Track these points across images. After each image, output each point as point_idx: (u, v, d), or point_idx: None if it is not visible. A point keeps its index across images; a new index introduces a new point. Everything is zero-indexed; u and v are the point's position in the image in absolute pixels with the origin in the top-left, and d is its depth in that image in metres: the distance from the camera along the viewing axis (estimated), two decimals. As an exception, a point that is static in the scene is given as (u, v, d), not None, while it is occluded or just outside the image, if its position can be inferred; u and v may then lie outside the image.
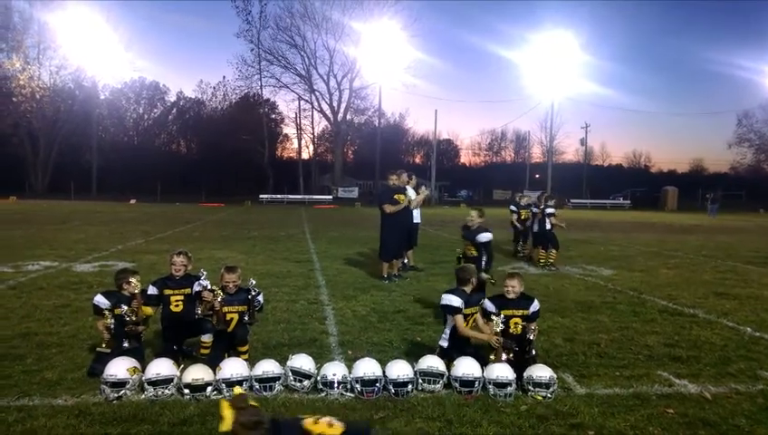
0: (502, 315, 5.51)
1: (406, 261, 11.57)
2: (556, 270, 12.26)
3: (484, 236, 7.23)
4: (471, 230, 7.36)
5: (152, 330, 6.08)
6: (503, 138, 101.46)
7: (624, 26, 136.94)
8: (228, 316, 5.52)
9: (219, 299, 5.44)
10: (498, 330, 5.43)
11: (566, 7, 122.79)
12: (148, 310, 5.67)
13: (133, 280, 5.52)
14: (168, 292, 5.75)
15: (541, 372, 4.96)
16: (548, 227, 12.88)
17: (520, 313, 5.56)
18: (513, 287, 5.60)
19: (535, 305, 5.61)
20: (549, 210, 13.00)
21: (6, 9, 61.82)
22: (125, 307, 5.40)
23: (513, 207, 15.05)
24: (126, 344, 5.38)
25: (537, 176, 76.49)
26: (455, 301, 5.59)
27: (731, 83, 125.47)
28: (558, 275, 11.81)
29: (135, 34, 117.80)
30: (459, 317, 5.57)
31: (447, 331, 5.70)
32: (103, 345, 5.38)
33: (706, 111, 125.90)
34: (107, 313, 5.40)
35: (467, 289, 5.75)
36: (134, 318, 5.44)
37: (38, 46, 64.08)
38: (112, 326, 5.38)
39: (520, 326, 5.54)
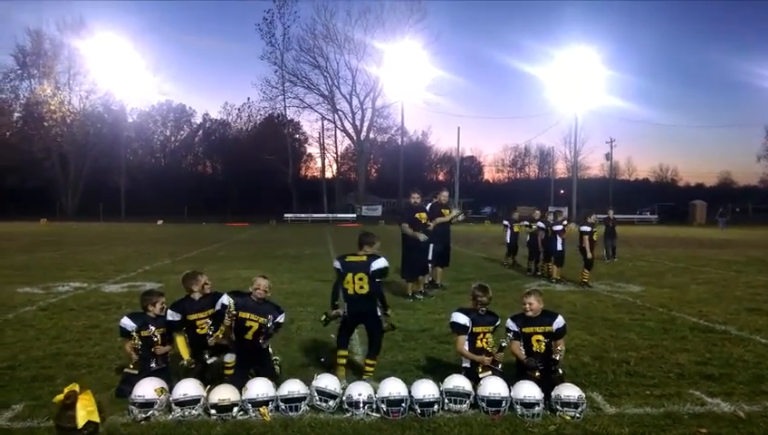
0: (510, 336, 5.54)
1: (430, 279, 11.53)
2: (583, 288, 12.12)
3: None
4: None
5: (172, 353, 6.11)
6: (526, 154, 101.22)
7: (647, 40, 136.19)
8: (248, 323, 5.49)
9: (232, 311, 5.43)
10: (494, 349, 5.50)
11: (587, 23, 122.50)
12: (183, 349, 5.68)
13: (161, 301, 5.61)
14: (192, 317, 5.70)
15: (569, 391, 4.89)
16: (585, 244, 12.70)
17: (542, 329, 5.47)
18: (531, 305, 5.51)
19: (559, 322, 5.50)
20: (584, 228, 12.87)
21: (38, 36, 63.72)
22: (152, 328, 5.47)
23: (537, 224, 14.82)
24: (153, 365, 5.43)
25: (562, 192, 75.89)
26: (461, 319, 5.59)
27: (759, 95, 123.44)
28: (586, 292, 11.66)
29: (162, 59, 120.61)
30: (461, 338, 5.59)
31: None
32: (131, 366, 5.44)
33: (734, 123, 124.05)
34: (134, 334, 5.46)
35: (478, 307, 5.70)
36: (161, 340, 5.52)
37: (68, 72, 66.02)
38: (140, 347, 5.44)
39: (543, 344, 5.45)
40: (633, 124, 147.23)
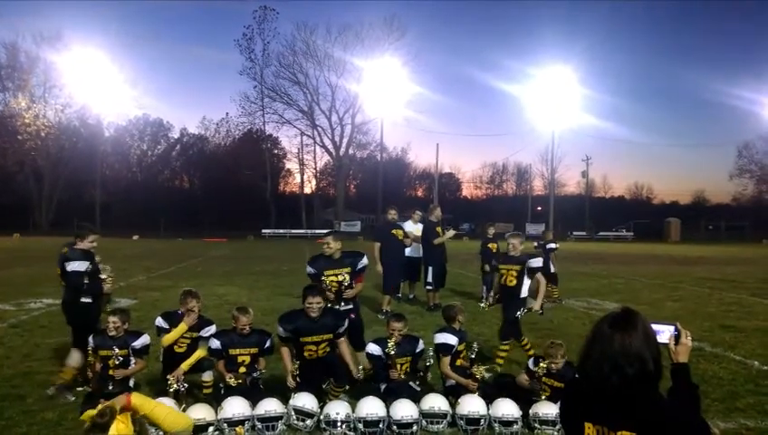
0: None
1: (435, 303, 11.38)
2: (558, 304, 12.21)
3: None
4: None
5: (148, 371, 6.02)
6: (504, 171, 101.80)
7: (622, 61, 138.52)
8: (240, 359, 5.49)
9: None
10: (480, 370, 5.54)
11: (564, 43, 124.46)
12: (169, 336, 5.61)
13: (111, 320, 5.51)
14: None
15: (547, 409, 4.90)
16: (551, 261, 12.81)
17: (550, 383, 5.34)
18: (557, 365, 5.31)
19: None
20: (549, 245, 13.03)
21: (13, 49, 62.96)
22: (116, 350, 5.37)
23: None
24: (110, 388, 5.27)
25: (539, 208, 76.50)
26: (451, 339, 5.62)
27: (731, 114, 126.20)
28: (562, 308, 11.74)
29: (139, 73, 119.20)
30: (446, 359, 5.61)
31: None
32: (90, 386, 5.36)
33: (707, 142, 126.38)
34: (90, 352, 5.42)
35: (456, 326, 5.77)
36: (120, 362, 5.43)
37: (44, 85, 65.10)
38: (99, 368, 5.37)
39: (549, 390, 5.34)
40: (609, 142, 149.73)
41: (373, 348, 5.64)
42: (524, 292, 6.99)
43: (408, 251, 11.30)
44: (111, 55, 62.39)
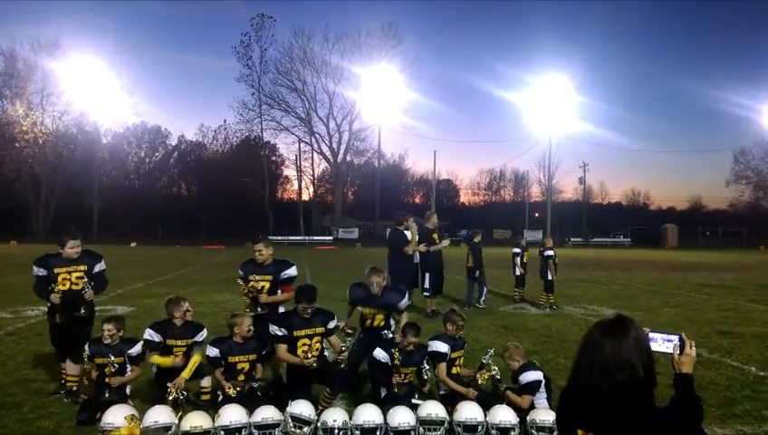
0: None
1: (431, 310, 11.50)
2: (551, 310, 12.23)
3: None
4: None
5: (144, 379, 6.00)
6: (501, 177, 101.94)
7: (618, 68, 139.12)
8: (239, 365, 5.48)
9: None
10: (485, 376, 5.49)
11: (561, 51, 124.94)
12: (160, 360, 5.60)
13: (106, 328, 5.49)
14: (170, 342, 5.66)
15: (544, 415, 4.89)
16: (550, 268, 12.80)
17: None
18: (513, 366, 5.56)
19: (524, 377, 5.41)
20: (547, 252, 13.01)
21: (11, 57, 63.01)
22: (112, 358, 5.36)
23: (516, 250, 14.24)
24: (106, 396, 5.28)
25: (537, 215, 76.55)
26: (441, 347, 5.60)
27: (728, 121, 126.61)
28: (560, 315, 11.74)
29: (137, 80, 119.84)
30: (442, 366, 5.59)
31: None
32: (86, 393, 5.35)
33: (704, 148, 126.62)
34: (86, 360, 5.40)
35: (454, 333, 5.76)
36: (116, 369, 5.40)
37: (41, 93, 65.12)
38: (95, 375, 5.36)
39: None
40: (605, 149, 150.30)
41: (380, 354, 5.62)
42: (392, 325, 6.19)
43: None
44: (109, 63, 62.73)
